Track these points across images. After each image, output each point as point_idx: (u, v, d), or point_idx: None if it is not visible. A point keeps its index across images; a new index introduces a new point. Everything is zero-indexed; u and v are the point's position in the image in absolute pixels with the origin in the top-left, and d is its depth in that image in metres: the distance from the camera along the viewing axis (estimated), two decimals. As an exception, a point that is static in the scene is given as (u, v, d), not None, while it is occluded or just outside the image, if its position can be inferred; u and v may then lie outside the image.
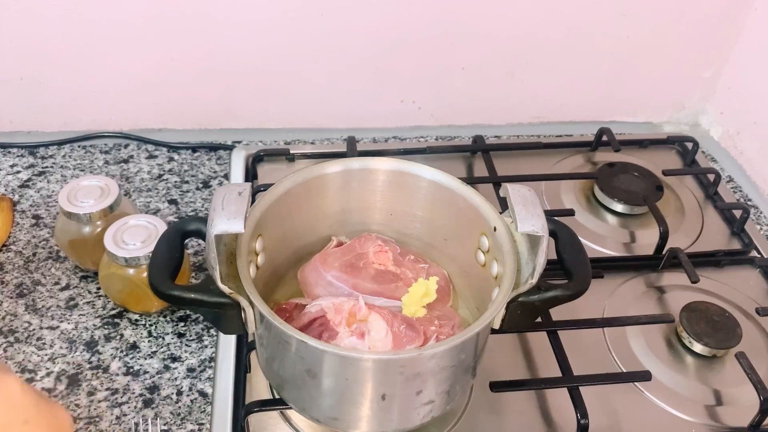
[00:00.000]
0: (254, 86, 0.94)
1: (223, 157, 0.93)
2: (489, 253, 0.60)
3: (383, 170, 0.64)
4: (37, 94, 0.91)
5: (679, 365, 0.71)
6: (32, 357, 0.68)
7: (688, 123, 1.07)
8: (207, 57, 0.90)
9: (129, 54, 0.89)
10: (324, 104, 0.97)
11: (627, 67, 0.99)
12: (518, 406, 0.66)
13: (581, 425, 0.62)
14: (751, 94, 0.98)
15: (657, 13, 0.94)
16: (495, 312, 0.53)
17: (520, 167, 0.91)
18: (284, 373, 0.56)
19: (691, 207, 0.90)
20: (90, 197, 0.71)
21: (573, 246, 0.59)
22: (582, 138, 1.00)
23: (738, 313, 0.74)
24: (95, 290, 0.74)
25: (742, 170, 0.98)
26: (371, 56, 0.93)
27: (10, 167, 0.89)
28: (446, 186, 0.62)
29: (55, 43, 0.87)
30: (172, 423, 0.63)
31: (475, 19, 0.91)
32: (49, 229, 0.80)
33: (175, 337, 0.70)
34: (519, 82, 0.98)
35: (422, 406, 0.54)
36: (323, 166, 0.63)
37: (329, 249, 0.66)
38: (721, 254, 0.82)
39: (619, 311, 0.75)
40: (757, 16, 0.94)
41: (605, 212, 0.87)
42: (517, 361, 0.70)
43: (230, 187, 0.55)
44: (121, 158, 0.92)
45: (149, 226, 0.69)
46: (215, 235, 0.52)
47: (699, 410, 0.67)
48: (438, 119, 1.01)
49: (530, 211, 0.56)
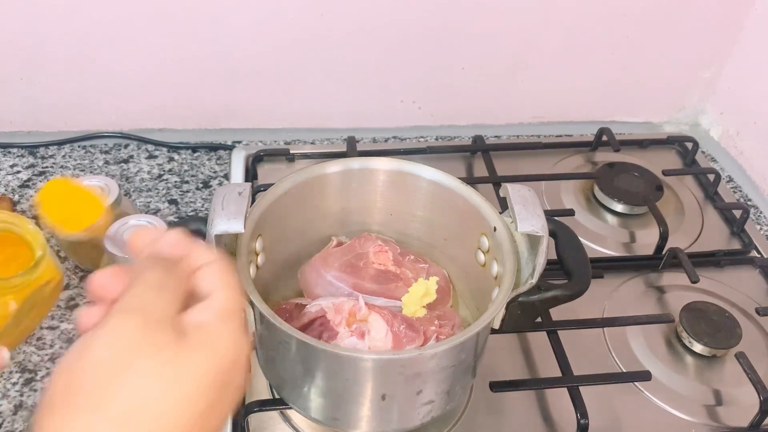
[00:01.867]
0: (254, 86, 0.94)
1: (223, 157, 0.93)
2: (489, 253, 0.60)
3: (383, 170, 0.64)
4: (37, 94, 0.91)
5: (679, 365, 0.71)
6: (32, 357, 0.68)
7: (688, 123, 1.07)
8: (207, 57, 0.90)
9: (129, 54, 0.89)
10: (324, 104, 0.97)
11: (627, 66, 0.99)
12: (518, 406, 0.66)
13: (581, 425, 0.62)
14: (750, 94, 0.98)
15: (657, 13, 0.94)
16: (495, 312, 0.53)
17: (520, 167, 0.91)
18: (284, 373, 0.56)
19: (691, 207, 0.90)
20: (90, 197, 0.71)
21: (573, 246, 0.59)
22: (582, 138, 1.00)
23: (738, 313, 0.74)
24: (95, 290, 0.74)
25: (742, 170, 0.98)
26: (371, 56, 0.93)
27: (10, 167, 0.89)
28: (446, 186, 0.62)
29: (55, 43, 0.87)
30: (172, 423, 0.63)
31: (475, 19, 0.91)
32: (49, 229, 0.80)
33: (175, 337, 0.70)
34: (519, 82, 0.98)
35: (422, 406, 0.54)
36: (323, 166, 0.63)
37: (329, 249, 0.66)
38: (721, 254, 0.82)
39: (619, 311, 0.75)
40: (757, 16, 0.94)
41: (605, 212, 0.87)
42: (517, 361, 0.70)
43: (230, 187, 0.55)
44: (121, 158, 0.92)
45: (149, 226, 0.69)
46: (215, 235, 0.52)
47: (699, 410, 0.67)
48: (438, 119, 1.01)
49: (530, 211, 0.56)
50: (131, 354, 0.31)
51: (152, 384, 0.31)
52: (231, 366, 0.35)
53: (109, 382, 0.30)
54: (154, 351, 0.32)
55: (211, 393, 0.33)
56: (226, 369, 0.34)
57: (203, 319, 0.35)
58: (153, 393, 0.31)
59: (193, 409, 0.32)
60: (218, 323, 0.35)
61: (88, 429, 0.29)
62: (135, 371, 0.31)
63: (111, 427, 0.29)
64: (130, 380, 0.31)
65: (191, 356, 0.33)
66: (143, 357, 0.31)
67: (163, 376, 0.31)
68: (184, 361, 0.32)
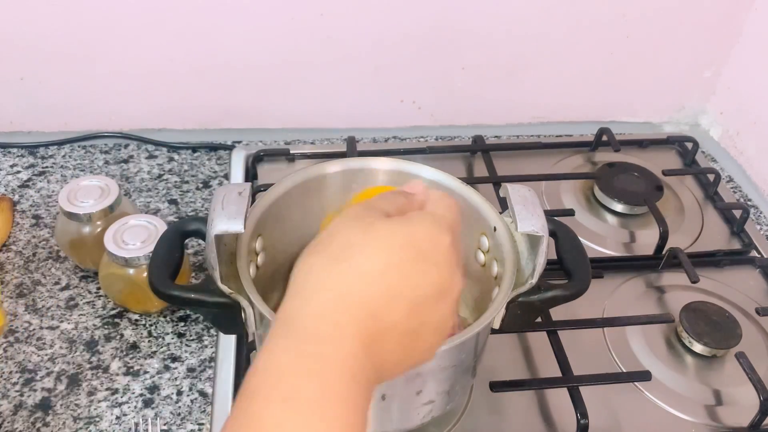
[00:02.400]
0: (254, 86, 0.94)
1: (223, 157, 0.93)
2: (489, 253, 0.60)
3: (383, 170, 0.64)
4: (37, 94, 0.91)
5: (679, 365, 0.71)
6: (32, 357, 0.68)
7: (688, 123, 1.07)
8: (207, 57, 0.90)
9: (129, 54, 0.89)
10: (324, 104, 0.97)
11: (627, 67, 0.99)
12: (518, 406, 0.66)
13: (581, 425, 0.62)
14: (750, 95, 0.98)
15: (657, 13, 0.94)
16: (495, 312, 0.53)
17: (520, 167, 0.91)
18: (284, 373, 0.55)
19: (691, 207, 0.90)
20: (90, 197, 0.71)
21: (573, 246, 0.59)
22: (582, 138, 1.00)
23: (738, 313, 0.74)
24: (95, 290, 0.74)
25: (741, 170, 0.98)
26: (371, 56, 0.93)
27: (10, 167, 0.89)
28: (446, 186, 0.62)
29: (55, 43, 0.87)
30: (172, 423, 0.63)
31: (475, 19, 0.91)
32: (49, 229, 0.80)
33: (175, 337, 0.70)
34: (519, 82, 0.98)
35: (422, 406, 0.54)
36: (323, 166, 0.63)
37: (329, 249, 0.65)
38: (721, 254, 0.82)
39: (619, 311, 0.75)
40: (757, 16, 0.94)
41: (605, 212, 0.87)
42: (517, 361, 0.70)
43: (230, 187, 0.55)
44: (121, 158, 0.92)
45: (149, 226, 0.69)
46: (215, 235, 0.52)
47: (699, 410, 0.67)
48: (438, 119, 1.01)
49: (530, 211, 0.56)
50: (346, 221, 0.42)
51: (355, 235, 0.41)
52: (427, 247, 0.41)
53: (330, 236, 0.42)
54: (360, 217, 0.42)
55: (403, 261, 0.40)
56: (418, 246, 0.41)
57: (410, 214, 0.44)
58: (354, 239, 0.41)
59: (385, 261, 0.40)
60: (420, 215, 0.44)
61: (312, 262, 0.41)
62: (346, 229, 0.42)
63: (328, 260, 0.40)
64: (341, 234, 0.42)
65: (387, 223, 0.42)
66: (353, 221, 0.42)
67: (364, 231, 0.41)
68: (381, 224, 0.42)
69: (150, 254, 0.64)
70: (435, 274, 0.41)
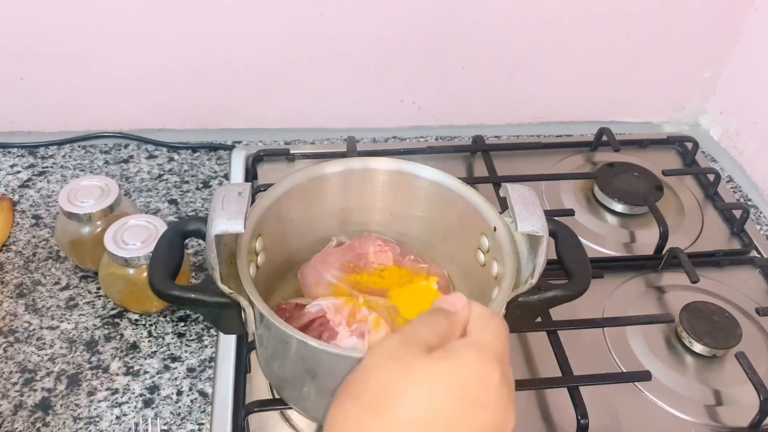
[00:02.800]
0: (254, 86, 0.94)
1: (223, 157, 0.93)
2: (489, 253, 0.60)
3: (383, 170, 0.64)
4: (37, 94, 0.91)
5: (679, 365, 0.71)
6: (32, 357, 0.68)
7: (688, 123, 1.07)
8: (207, 57, 0.90)
9: (129, 54, 0.89)
10: (324, 104, 0.97)
11: (627, 67, 0.99)
12: (518, 406, 0.64)
13: (581, 425, 0.62)
14: (750, 95, 0.98)
15: (657, 13, 0.94)
16: (495, 312, 0.53)
17: (520, 167, 0.91)
18: (284, 373, 0.55)
19: (691, 207, 0.90)
20: (90, 197, 0.71)
21: (573, 246, 0.59)
22: (582, 138, 1.00)
23: (738, 313, 0.74)
24: (95, 290, 0.74)
25: (741, 170, 0.99)
26: (371, 56, 0.93)
27: (10, 167, 0.89)
28: (446, 186, 0.62)
29: (55, 43, 0.87)
30: (172, 423, 0.63)
31: (475, 19, 0.91)
32: (49, 229, 0.80)
33: (175, 337, 0.70)
34: (519, 82, 0.98)
35: (422, 406, 0.54)
36: (323, 166, 0.63)
37: (329, 249, 0.66)
38: (721, 254, 0.82)
39: (619, 311, 0.75)
40: (757, 16, 0.94)
41: (605, 212, 0.87)
42: (517, 361, 0.70)
43: (230, 187, 0.55)
44: (121, 158, 0.92)
45: (149, 226, 0.69)
46: (215, 235, 0.52)
47: (699, 410, 0.67)
48: (438, 119, 1.01)
49: (530, 211, 0.56)
50: (382, 361, 0.40)
51: (393, 377, 0.38)
52: (474, 387, 0.38)
53: (366, 378, 0.39)
54: (398, 357, 0.39)
55: (448, 407, 0.37)
56: (464, 386, 0.38)
57: (453, 345, 0.41)
58: (392, 384, 0.38)
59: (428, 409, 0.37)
60: (465, 347, 0.40)
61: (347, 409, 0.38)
62: (383, 371, 0.39)
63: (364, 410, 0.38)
64: (378, 376, 0.39)
65: (428, 363, 0.39)
66: (390, 361, 0.39)
67: (403, 374, 0.38)
68: (421, 364, 0.38)
69: (150, 254, 0.64)
70: (485, 418, 0.38)
